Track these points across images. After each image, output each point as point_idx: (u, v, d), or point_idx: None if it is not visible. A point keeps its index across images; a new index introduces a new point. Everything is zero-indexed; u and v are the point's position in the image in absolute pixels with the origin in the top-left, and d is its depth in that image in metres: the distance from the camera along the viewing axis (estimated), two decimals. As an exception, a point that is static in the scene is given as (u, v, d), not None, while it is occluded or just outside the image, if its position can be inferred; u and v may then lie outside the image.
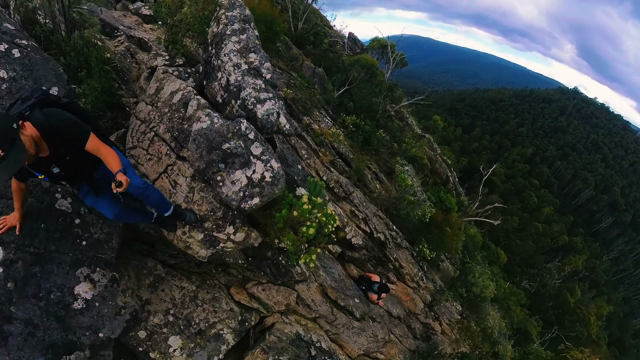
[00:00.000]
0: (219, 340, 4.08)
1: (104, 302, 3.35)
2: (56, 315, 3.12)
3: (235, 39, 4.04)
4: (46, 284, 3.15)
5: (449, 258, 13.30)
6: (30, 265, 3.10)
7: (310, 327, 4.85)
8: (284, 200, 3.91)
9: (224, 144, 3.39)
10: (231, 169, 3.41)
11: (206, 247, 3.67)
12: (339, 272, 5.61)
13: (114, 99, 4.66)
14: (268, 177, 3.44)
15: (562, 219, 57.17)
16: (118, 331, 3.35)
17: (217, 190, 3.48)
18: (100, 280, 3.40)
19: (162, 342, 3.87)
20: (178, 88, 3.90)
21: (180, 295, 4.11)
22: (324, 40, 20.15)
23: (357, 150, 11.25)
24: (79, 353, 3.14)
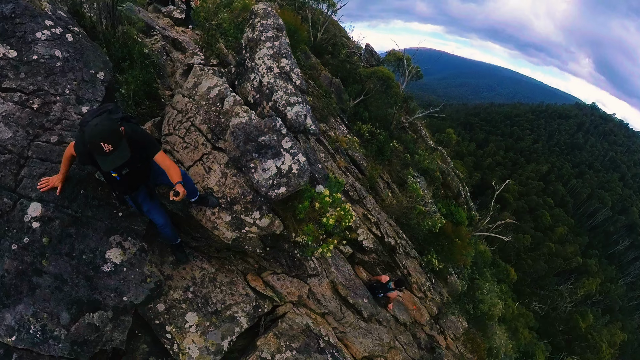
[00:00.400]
0: (233, 322, 4.23)
1: (132, 268, 3.51)
2: (85, 274, 3.27)
3: (269, 45, 4.44)
4: (80, 245, 3.31)
5: (457, 272, 13.26)
6: (67, 226, 3.26)
7: (319, 322, 5.00)
8: (305, 194, 4.20)
9: (260, 137, 3.73)
10: (264, 159, 3.72)
11: (232, 229, 3.87)
12: (349, 271, 5.84)
13: (152, 90, 5.06)
14: (295, 169, 3.74)
15: (576, 239, 55.68)
16: (141, 297, 3.49)
17: (249, 176, 3.76)
18: (130, 249, 3.57)
19: (179, 317, 4.02)
20: (215, 84, 4.21)
21: (201, 275, 4.31)
22: (341, 51, 20.57)
23: (370, 160, 11.49)
24: (103, 312, 3.30)
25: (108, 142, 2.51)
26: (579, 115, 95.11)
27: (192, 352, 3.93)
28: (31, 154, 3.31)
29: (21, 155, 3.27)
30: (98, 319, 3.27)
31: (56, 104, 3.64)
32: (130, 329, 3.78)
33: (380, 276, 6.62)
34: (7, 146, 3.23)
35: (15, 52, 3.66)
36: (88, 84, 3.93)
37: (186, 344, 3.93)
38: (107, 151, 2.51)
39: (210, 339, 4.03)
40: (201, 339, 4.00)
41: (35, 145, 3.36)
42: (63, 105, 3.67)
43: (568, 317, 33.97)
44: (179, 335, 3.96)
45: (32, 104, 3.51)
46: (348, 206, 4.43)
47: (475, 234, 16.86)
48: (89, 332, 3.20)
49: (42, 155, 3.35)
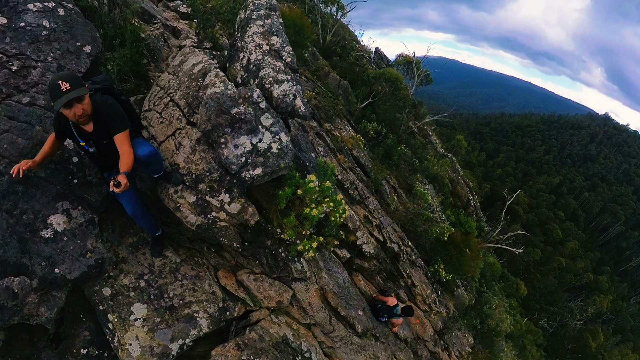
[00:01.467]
0: (191, 322, 3.68)
1: (73, 239, 3.27)
2: (20, 235, 3.10)
3: (260, 23, 4.12)
4: (23, 204, 3.17)
5: (464, 285, 12.65)
6: (15, 182, 3.16)
7: (302, 334, 4.35)
8: (290, 181, 3.69)
9: (233, 109, 3.35)
10: (237, 134, 3.34)
11: (196, 212, 3.47)
12: (344, 278, 5.23)
13: (141, 69, 4.97)
14: (275, 149, 3.33)
15: (587, 255, 54.22)
16: (76, 273, 3.20)
17: (218, 151, 3.39)
18: (77, 218, 3.35)
19: (124, 306, 3.58)
20: (200, 60, 3.95)
21: (161, 263, 3.87)
22: (350, 54, 20.35)
23: (377, 163, 11.03)
24: (25, 279, 3.06)
25: (66, 82, 2.51)
26: (591, 126, 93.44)
27: (133, 350, 3.41)
28: (0, 111, 3.30)
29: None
30: (18, 284, 3.03)
31: (36, 69, 3.66)
32: (75, 312, 3.60)
33: (387, 297, 6.00)
34: None
35: (4, 20, 3.78)
36: (72, 55, 3.94)
37: (128, 338, 3.44)
38: (63, 89, 2.50)
39: (157, 338, 3.49)
40: (147, 336, 3.49)
41: (6, 104, 3.36)
42: (43, 71, 3.68)
43: (578, 336, 32.86)
44: (120, 327, 3.49)
45: (12, 66, 3.55)
46: (340, 197, 3.87)
47: (485, 245, 16.21)
48: (5, 296, 2.98)
49: (10, 113, 3.33)
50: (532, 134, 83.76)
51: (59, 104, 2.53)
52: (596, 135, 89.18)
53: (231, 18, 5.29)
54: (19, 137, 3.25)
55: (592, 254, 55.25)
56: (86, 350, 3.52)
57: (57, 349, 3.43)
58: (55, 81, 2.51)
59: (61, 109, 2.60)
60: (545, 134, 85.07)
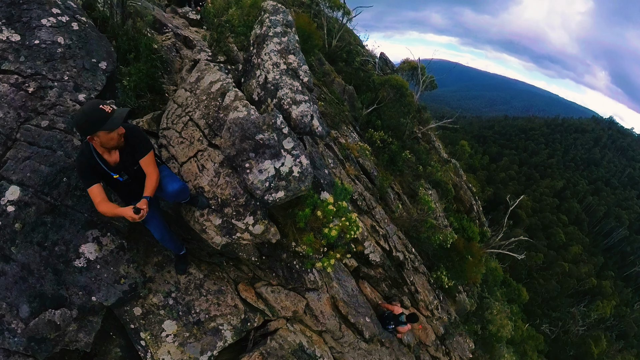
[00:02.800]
0: (217, 335, 3.84)
1: (106, 266, 3.31)
2: (54, 267, 3.10)
3: (277, 40, 4.22)
4: (54, 235, 3.15)
5: (466, 290, 12.76)
6: (43, 214, 3.12)
7: (315, 341, 4.58)
8: (308, 200, 3.88)
9: (258, 135, 3.45)
10: (261, 159, 3.44)
11: (222, 234, 3.57)
12: (352, 287, 5.45)
13: (156, 83, 4.97)
14: (296, 172, 3.45)
15: (591, 259, 53.84)
16: (112, 299, 3.28)
17: (243, 176, 3.48)
18: (108, 245, 3.38)
19: (156, 324, 3.68)
20: (218, 79, 4.02)
21: (186, 280, 4.00)
22: (355, 59, 20.48)
23: (381, 169, 11.19)
24: (66, 310, 3.08)
25: (105, 104, 2.52)
26: (595, 129, 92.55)
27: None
28: (19, 137, 3.24)
29: (9, 137, 3.20)
30: (60, 317, 3.06)
31: (52, 89, 3.60)
32: (105, 330, 3.60)
33: (393, 306, 6.21)
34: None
35: (18, 37, 3.69)
36: (89, 72, 3.90)
37: (161, 354, 3.58)
38: (109, 111, 2.50)
39: (188, 352, 3.66)
40: (178, 350, 3.65)
41: (25, 128, 3.30)
42: (59, 91, 3.62)
43: (580, 342, 32.62)
44: (153, 344, 3.62)
45: (28, 87, 3.48)
46: (354, 216, 4.08)
47: (487, 250, 16.32)
48: (48, 329, 2.99)
49: (30, 139, 3.27)
50: (535, 138, 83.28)
51: (117, 124, 2.53)
52: (600, 139, 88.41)
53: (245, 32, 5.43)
54: (41, 165, 3.21)
55: (595, 259, 54.84)
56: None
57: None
58: (96, 108, 2.49)
59: (101, 133, 2.53)
60: (549, 137, 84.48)
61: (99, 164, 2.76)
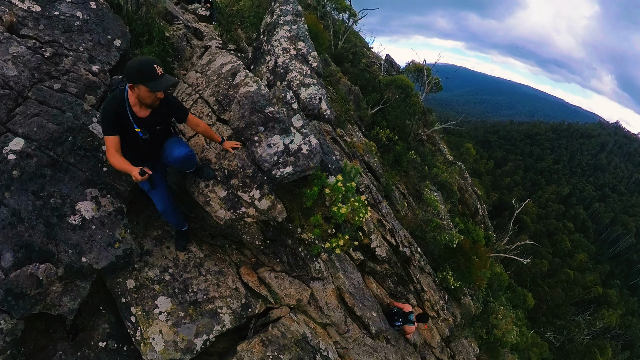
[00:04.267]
0: (214, 318, 3.60)
1: (101, 227, 3.18)
2: (47, 220, 2.99)
3: (287, 28, 4.30)
4: (51, 187, 3.08)
5: (471, 294, 12.60)
6: (43, 166, 3.08)
7: (319, 333, 4.36)
8: (316, 180, 3.79)
9: (267, 107, 3.45)
10: (270, 133, 3.43)
11: (226, 207, 3.47)
12: (358, 279, 5.32)
13: (167, 66, 5.02)
14: (305, 150, 3.42)
15: (597, 267, 53.18)
16: (104, 263, 3.12)
17: (251, 149, 3.46)
18: (106, 207, 3.27)
19: (149, 299, 3.47)
20: (229, 61, 4.04)
21: (185, 257, 3.82)
22: (361, 60, 20.56)
23: (387, 169, 11.13)
24: (51, 266, 2.92)
25: (159, 66, 2.62)
26: (602, 134, 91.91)
27: (156, 344, 3.30)
28: (31, 95, 3.29)
29: (20, 94, 3.25)
30: (44, 272, 2.89)
31: (67, 57, 3.69)
32: (95, 304, 3.46)
33: (404, 304, 6.04)
34: (9, 82, 3.23)
35: (39, 7, 3.86)
36: (103, 47, 4.03)
37: (151, 332, 3.34)
38: (159, 73, 2.61)
39: (181, 333, 3.42)
40: (170, 330, 3.41)
41: (37, 88, 3.36)
42: (74, 60, 3.71)
43: (585, 350, 32.10)
44: (144, 321, 3.38)
45: (44, 52, 3.58)
46: (363, 198, 3.99)
47: (493, 254, 16.12)
48: (29, 284, 2.82)
49: (41, 98, 3.32)
50: (541, 143, 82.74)
51: (161, 87, 2.63)
52: (607, 144, 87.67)
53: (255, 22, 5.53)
54: (49, 122, 3.23)
55: (601, 267, 54.17)
56: (105, 343, 3.39)
57: (73, 341, 3.31)
58: (150, 64, 2.58)
59: (142, 87, 2.62)
60: (554, 142, 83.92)
61: (126, 112, 2.80)
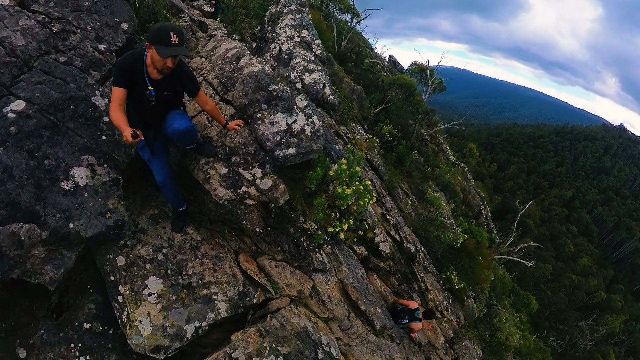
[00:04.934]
0: (209, 304, 3.40)
1: (94, 196, 3.10)
2: (39, 181, 2.91)
3: (291, 17, 4.33)
4: (47, 149, 3.03)
5: (474, 296, 12.45)
6: (42, 127, 3.05)
7: (321, 328, 4.17)
8: (319, 164, 3.68)
9: (271, 86, 3.41)
10: (273, 111, 3.38)
11: (227, 185, 3.38)
12: (362, 274, 5.18)
13: None
14: (308, 132, 3.35)
15: (600, 272, 52.73)
16: (92, 231, 3.00)
17: (254, 127, 3.41)
18: (102, 176, 3.20)
19: (139, 279, 3.29)
20: (234, 46, 4.06)
21: (181, 239, 3.67)
22: (365, 60, 20.53)
23: (390, 167, 11.03)
24: (35, 227, 2.79)
25: (176, 35, 2.66)
26: (606, 137, 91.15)
27: (143, 328, 3.10)
28: (36, 65, 3.32)
29: (26, 63, 3.27)
30: (27, 232, 2.75)
31: (75, 34, 3.76)
32: (82, 282, 3.33)
33: (409, 302, 5.88)
34: (16, 51, 3.26)
35: None
36: (110, 28, 4.10)
37: (138, 314, 3.15)
38: (173, 41, 2.64)
39: (171, 317, 3.21)
40: (160, 314, 3.20)
41: (43, 59, 3.39)
42: (82, 37, 3.79)
43: (588, 356, 31.80)
44: (132, 302, 3.19)
45: (53, 27, 3.65)
46: (368, 183, 3.89)
47: (496, 256, 15.96)
48: (9, 243, 2.69)
49: (46, 69, 3.34)
50: (544, 145, 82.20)
51: (167, 53, 2.64)
52: (611, 147, 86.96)
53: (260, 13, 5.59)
54: (52, 90, 3.23)
55: (605, 272, 53.72)
56: (89, 324, 3.26)
57: (57, 320, 3.21)
58: (167, 30, 2.63)
59: (154, 48, 2.64)
60: (558, 145, 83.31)
61: (142, 68, 2.84)
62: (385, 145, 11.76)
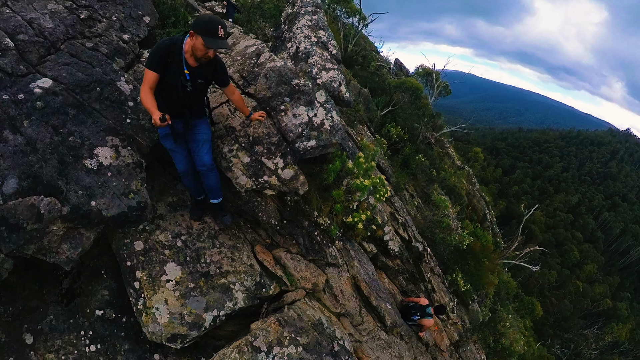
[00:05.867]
0: (227, 294, 3.35)
1: (118, 176, 3.05)
2: (62, 157, 2.85)
3: (308, 18, 4.52)
4: (72, 126, 3.00)
5: (478, 301, 12.42)
6: (68, 105, 3.04)
7: (334, 322, 4.18)
8: (337, 158, 3.80)
9: (294, 80, 3.54)
10: (296, 104, 3.50)
11: (249, 174, 3.42)
12: (372, 271, 5.26)
13: None
14: (327, 125, 3.47)
15: (606, 279, 52.10)
16: (114, 211, 2.92)
17: (277, 118, 3.53)
18: (126, 158, 3.16)
19: (157, 264, 3.21)
20: (253, 43, 4.20)
21: (200, 227, 3.63)
22: (371, 63, 20.66)
23: (396, 170, 11.11)
24: (56, 202, 2.68)
25: (223, 29, 2.77)
26: (612, 142, 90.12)
27: (160, 316, 3.01)
28: (63, 48, 3.37)
29: (54, 44, 3.32)
30: (47, 206, 2.62)
31: (101, 22, 3.85)
32: (96, 267, 3.26)
33: (419, 298, 5.85)
34: (44, 32, 3.31)
35: None
36: (134, 20, 4.25)
37: (156, 301, 3.05)
38: (220, 35, 2.75)
39: (189, 305, 3.13)
40: (177, 301, 3.12)
41: (70, 43, 3.44)
42: (107, 26, 3.89)
43: (593, 366, 31.31)
44: (149, 288, 3.10)
45: (80, 14, 3.73)
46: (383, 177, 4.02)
47: (501, 260, 15.90)
48: (28, 216, 2.54)
49: (73, 51, 3.39)
50: (550, 150, 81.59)
51: (215, 46, 2.74)
52: (617, 152, 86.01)
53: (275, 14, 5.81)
54: (78, 72, 3.25)
55: (611, 279, 53.05)
56: (102, 311, 3.13)
57: (67, 306, 3.08)
58: (216, 23, 2.72)
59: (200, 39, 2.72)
60: (563, 150, 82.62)
61: (179, 53, 2.90)
62: (392, 147, 11.82)
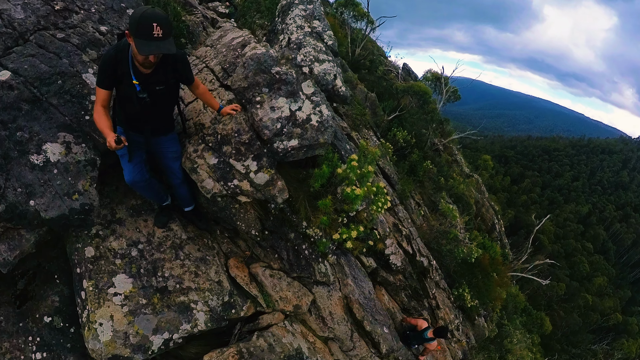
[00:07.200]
0: (185, 314, 2.97)
1: (64, 174, 2.83)
2: (7, 152, 2.72)
3: (302, 7, 4.14)
4: (22, 121, 2.85)
5: (485, 315, 11.92)
6: (22, 100, 2.90)
7: (319, 349, 3.69)
8: (326, 160, 3.25)
9: (274, 67, 3.08)
10: (275, 94, 2.99)
11: (216, 177, 3.02)
12: (370, 289, 4.75)
13: (179, 44, 4.93)
14: (314, 121, 2.95)
15: (617, 293, 50.74)
16: (53, 212, 2.71)
17: (251, 111, 3.02)
18: (77, 154, 2.93)
19: (105, 275, 2.93)
20: (240, 35, 3.87)
21: (162, 235, 3.29)
22: (378, 68, 20.43)
23: (403, 176, 10.74)
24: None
25: (160, 27, 2.18)
26: (624, 150, 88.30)
27: (103, 332, 2.72)
28: (32, 39, 3.22)
29: (22, 35, 3.18)
30: None
31: (78, 14, 3.65)
32: (50, 271, 3.07)
33: (417, 320, 5.33)
34: (13, 23, 3.18)
35: None
36: (116, 13, 3.97)
37: (100, 316, 2.77)
38: (155, 35, 2.18)
39: (137, 324, 2.79)
40: (125, 318, 2.81)
41: (40, 34, 3.28)
42: (84, 18, 3.68)
43: (601, 382, 30.37)
44: (93, 300, 2.81)
45: (55, 5, 3.54)
46: (382, 185, 3.53)
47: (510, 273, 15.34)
48: None
49: (41, 43, 3.23)
50: (559, 159, 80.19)
51: (147, 51, 2.22)
52: (629, 161, 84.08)
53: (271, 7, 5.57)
54: (42, 63, 3.08)
55: (622, 292, 51.68)
56: (50, 319, 2.94)
57: (19, 309, 2.98)
58: (151, 19, 2.16)
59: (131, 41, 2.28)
60: (573, 158, 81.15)
61: (127, 61, 2.47)
62: (398, 153, 11.44)
